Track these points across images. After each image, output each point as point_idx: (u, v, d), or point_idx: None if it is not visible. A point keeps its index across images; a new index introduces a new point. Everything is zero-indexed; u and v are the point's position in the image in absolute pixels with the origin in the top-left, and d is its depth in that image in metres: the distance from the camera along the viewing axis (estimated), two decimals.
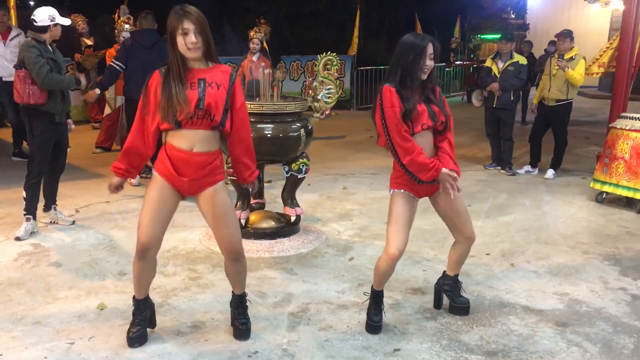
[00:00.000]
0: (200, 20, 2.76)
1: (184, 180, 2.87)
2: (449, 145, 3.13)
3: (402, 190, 3.12)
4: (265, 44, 8.57)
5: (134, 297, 3.10)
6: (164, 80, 2.81)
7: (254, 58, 7.49)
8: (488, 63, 7.25)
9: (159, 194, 2.90)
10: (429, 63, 3.00)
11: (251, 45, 7.54)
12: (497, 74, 7.00)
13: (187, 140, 2.84)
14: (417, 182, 3.06)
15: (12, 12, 8.09)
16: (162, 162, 2.90)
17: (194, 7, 2.80)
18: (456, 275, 3.49)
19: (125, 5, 8.64)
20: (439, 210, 3.30)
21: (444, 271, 3.56)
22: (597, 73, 7.11)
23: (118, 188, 3.07)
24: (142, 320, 3.11)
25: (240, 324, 3.17)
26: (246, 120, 3.01)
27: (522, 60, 7.09)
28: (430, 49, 2.99)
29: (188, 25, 2.73)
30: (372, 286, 3.31)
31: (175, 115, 2.77)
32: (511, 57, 7.02)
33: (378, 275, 3.21)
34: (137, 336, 3.07)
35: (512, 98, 7.04)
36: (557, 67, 6.63)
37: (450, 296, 3.50)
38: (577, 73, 6.55)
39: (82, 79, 4.68)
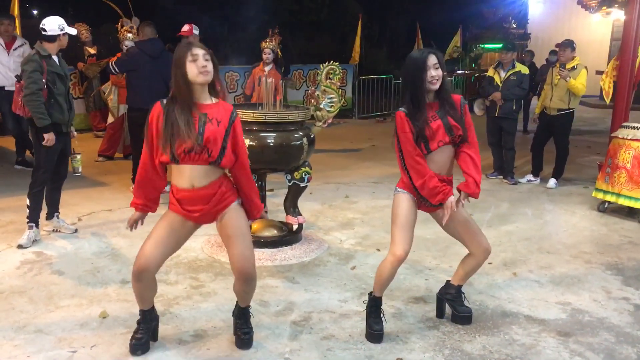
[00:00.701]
0: (207, 49, 2.85)
1: (195, 216, 2.94)
2: (471, 164, 3.08)
3: (408, 193, 3.14)
4: (279, 52, 8.60)
5: (142, 310, 3.09)
6: (167, 111, 2.82)
7: (267, 68, 7.51)
8: (490, 72, 7.27)
9: (169, 222, 2.95)
10: (435, 73, 3.00)
11: (264, 56, 7.57)
12: (499, 84, 7.02)
13: (187, 178, 2.88)
14: (427, 205, 3.12)
15: (17, 21, 8.10)
16: (173, 203, 2.96)
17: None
18: (460, 286, 3.49)
19: (133, 17, 8.67)
20: (446, 227, 3.28)
21: (447, 280, 3.55)
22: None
23: (137, 222, 3.09)
24: (147, 329, 3.11)
25: (243, 333, 3.17)
26: (247, 160, 3.02)
27: (524, 69, 7.12)
28: (432, 59, 3.00)
29: (197, 51, 2.81)
30: (370, 294, 3.31)
31: (174, 148, 2.79)
32: (513, 66, 7.05)
33: (381, 279, 3.21)
34: (141, 344, 3.07)
35: (514, 107, 7.05)
36: (558, 77, 6.65)
37: (452, 305, 3.50)
38: (578, 82, 6.57)
39: (49, 135, 4.53)
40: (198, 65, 2.78)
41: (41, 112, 4.45)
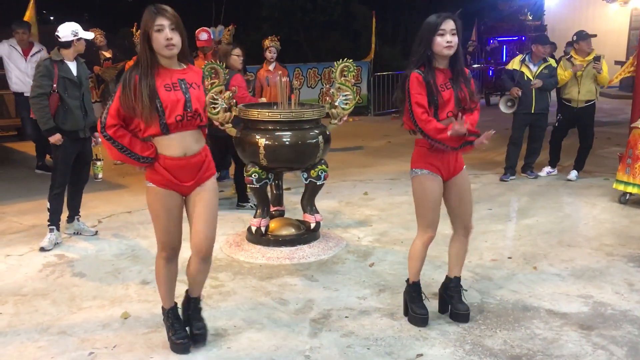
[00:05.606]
0: (175, 17, 2.75)
1: (187, 185, 2.93)
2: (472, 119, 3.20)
3: (426, 171, 3.13)
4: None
5: (170, 308, 3.11)
6: (140, 80, 2.73)
7: (270, 67, 7.48)
8: (516, 66, 6.91)
9: (166, 204, 2.91)
10: (451, 38, 2.98)
11: (268, 54, 7.53)
12: (531, 78, 6.75)
13: (179, 146, 2.85)
14: (450, 149, 3.11)
15: (35, 28, 8.12)
16: (159, 174, 2.88)
17: (168, 6, 2.77)
18: (457, 279, 3.43)
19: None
20: (447, 194, 3.28)
21: (447, 275, 3.52)
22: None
23: None
24: (183, 326, 3.14)
25: (197, 328, 3.15)
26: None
27: (553, 62, 6.92)
28: (449, 24, 2.97)
29: (162, 21, 2.71)
30: (408, 281, 3.33)
31: (163, 118, 2.76)
32: (545, 60, 6.84)
33: (414, 262, 3.25)
34: (187, 342, 3.09)
35: (549, 101, 6.94)
36: (583, 70, 6.60)
37: (450, 302, 3.43)
38: (605, 72, 6.57)
39: (54, 138, 4.56)
40: (162, 37, 2.70)
41: (43, 115, 4.52)
